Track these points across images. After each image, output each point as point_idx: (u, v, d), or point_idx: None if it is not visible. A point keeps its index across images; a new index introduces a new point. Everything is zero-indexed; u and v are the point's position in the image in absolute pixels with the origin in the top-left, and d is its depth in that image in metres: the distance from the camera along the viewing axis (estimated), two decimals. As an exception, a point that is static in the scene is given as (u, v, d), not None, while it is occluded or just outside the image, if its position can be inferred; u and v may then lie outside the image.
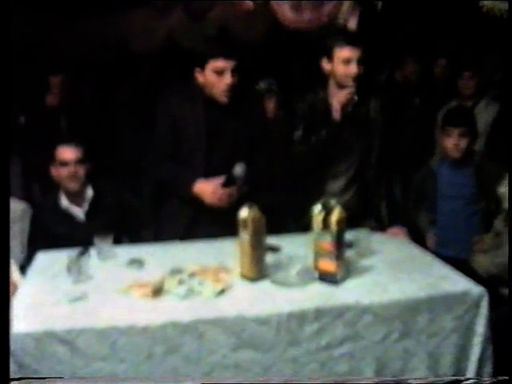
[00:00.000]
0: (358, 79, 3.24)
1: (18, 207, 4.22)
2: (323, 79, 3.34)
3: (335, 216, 2.61)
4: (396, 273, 2.78)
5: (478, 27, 5.16)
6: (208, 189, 3.20)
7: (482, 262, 3.55)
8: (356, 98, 3.25)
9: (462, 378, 2.53)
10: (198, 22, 5.52)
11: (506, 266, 3.39)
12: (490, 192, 3.70)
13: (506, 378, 2.25)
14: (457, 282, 2.68)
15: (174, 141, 3.32)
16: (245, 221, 2.68)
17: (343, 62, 3.25)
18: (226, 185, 3.18)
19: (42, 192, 4.82)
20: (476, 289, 2.61)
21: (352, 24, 4.28)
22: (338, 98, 3.27)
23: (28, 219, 3.74)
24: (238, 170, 3.15)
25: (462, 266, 2.90)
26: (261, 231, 2.70)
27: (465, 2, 4.14)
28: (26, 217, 3.79)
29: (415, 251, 3.14)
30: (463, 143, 3.74)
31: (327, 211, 2.65)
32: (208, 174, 3.25)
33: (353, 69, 3.23)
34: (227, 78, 3.15)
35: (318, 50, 3.34)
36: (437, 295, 2.57)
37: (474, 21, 4.71)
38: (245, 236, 2.69)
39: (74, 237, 3.42)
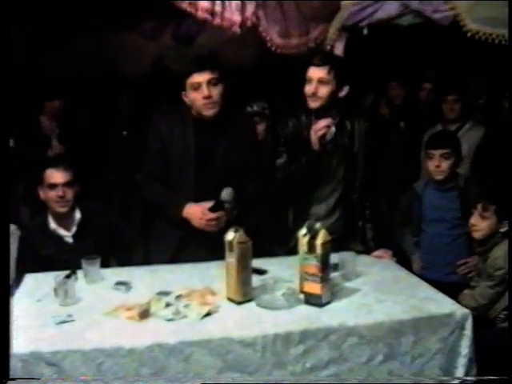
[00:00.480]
0: (321, 99, 3.28)
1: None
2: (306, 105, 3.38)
3: (320, 239, 2.64)
4: (381, 295, 2.81)
5: (463, 51, 5.24)
6: (196, 213, 3.21)
7: (466, 297, 3.55)
8: (333, 129, 3.29)
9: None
10: (187, 46, 5.58)
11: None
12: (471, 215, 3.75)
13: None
14: (441, 304, 2.71)
15: (163, 164, 3.34)
16: (231, 244, 2.71)
17: (307, 82, 3.32)
18: (213, 209, 3.18)
19: (31, 214, 4.82)
20: (460, 311, 2.65)
21: (339, 49, 4.34)
22: (313, 130, 3.30)
23: (16, 241, 3.74)
24: (226, 194, 3.16)
25: (447, 288, 2.92)
26: (247, 254, 2.73)
27: (450, 26, 4.18)
28: (14, 238, 3.79)
29: (400, 273, 3.17)
30: (445, 165, 3.80)
31: (312, 234, 2.67)
32: (198, 197, 3.28)
33: (311, 88, 3.28)
34: (203, 91, 3.18)
35: (303, 74, 3.38)
36: (421, 317, 2.59)
37: (459, 45, 4.78)
38: (231, 259, 2.72)
39: (62, 259, 3.45)
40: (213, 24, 3.96)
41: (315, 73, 3.28)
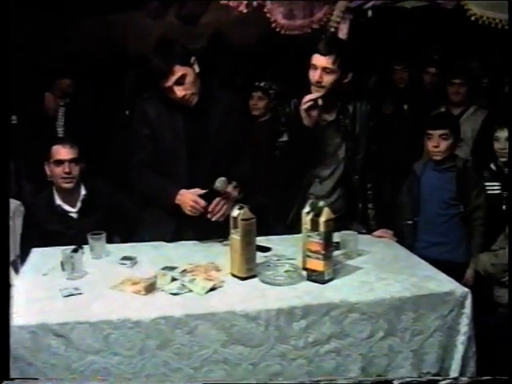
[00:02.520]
0: (325, 88, 3.28)
1: (10, 205, 4.28)
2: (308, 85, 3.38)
3: (324, 217, 2.68)
4: (382, 273, 2.86)
5: (467, 35, 5.26)
6: (187, 200, 3.15)
7: (483, 259, 3.70)
8: (320, 102, 3.26)
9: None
10: (191, 25, 5.59)
11: (501, 268, 3.54)
12: (467, 198, 3.84)
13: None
14: (441, 283, 2.76)
15: (154, 150, 3.28)
16: (235, 221, 2.75)
17: (312, 68, 3.31)
18: (206, 197, 3.14)
19: (34, 190, 4.86)
20: (460, 289, 2.70)
21: (343, 31, 4.35)
22: (302, 103, 3.29)
23: (21, 217, 3.79)
24: (219, 183, 3.11)
25: (444, 266, 2.97)
26: (251, 231, 2.78)
27: (454, 11, 4.20)
28: (18, 215, 3.84)
29: (401, 252, 3.22)
30: (444, 145, 3.83)
31: (316, 212, 2.72)
32: (192, 180, 3.24)
33: (315, 76, 3.28)
34: (176, 93, 3.12)
35: (306, 56, 3.38)
36: (421, 295, 2.64)
37: (464, 28, 4.80)
38: (235, 236, 2.76)
39: (67, 234, 3.51)
40: (219, 3, 3.97)
41: (320, 61, 3.26)
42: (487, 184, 3.99)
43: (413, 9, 4.33)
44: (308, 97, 3.26)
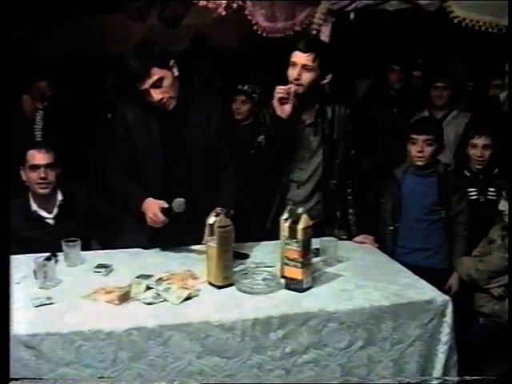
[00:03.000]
0: (303, 86, 3.26)
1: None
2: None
3: (302, 224, 2.63)
4: (361, 280, 2.81)
5: (450, 37, 5.23)
6: (150, 210, 3.07)
7: (466, 264, 3.67)
8: (292, 92, 3.20)
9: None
10: (173, 27, 5.53)
11: (486, 274, 3.50)
12: (448, 203, 3.80)
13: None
14: (421, 291, 2.72)
15: (129, 153, 3.20)
16: (211, 228, 2.70)
17: (291, 66, 3.30)
18: (166, 213, 3.05)
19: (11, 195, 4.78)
20: (440, 297, 2.66)
21: (325, 34, 4.31)
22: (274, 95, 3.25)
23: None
24: (177, 204, 3.02)
25: (425, 273, 2.93)
26: (227, 238, 2.72)
27: (437, 13, 4.17)
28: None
29: (382, 259, 3.18)
30: (428, 151, 3.79)
31: (294, 219, 2.66)
32: (167, 185, 3.20)
33: (294, 73, 3.26)
34: (153, 96, 3.06)
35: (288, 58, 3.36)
36: (401, 303, 2.60)
37: (447, 32, 4.78)
38: (211, 243, 2.71)
39: (43, 241, 3.44)
40: (197, 6, 3.91)
41: (300, 58, 3.26)
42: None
43: (395, 11, 4.28)
44: (280, 87, 3.22)
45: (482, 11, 4.01)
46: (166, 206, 3.04)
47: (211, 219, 2.71)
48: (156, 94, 3.06)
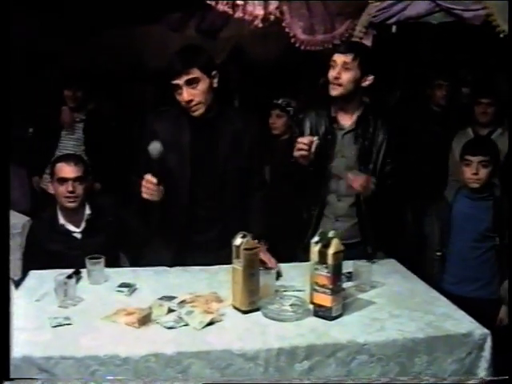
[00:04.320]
0: (343, 86, 3.20)
1: (19, 220, 4.17)
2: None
3: (332, 249, 2.49)
4: (395, 309, 2.66)
5: (496, 52, 5.04)
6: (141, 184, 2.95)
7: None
8: (313, 147, 3.08)
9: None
10: (211, 38, 5.46)
11: None
12: (504, 228, 3.55)
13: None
14: (459, 322, 2.54)
15: (159, 168, 3.03)
16: (238, 250, 2.57)
17: (331, 67, 3.24)
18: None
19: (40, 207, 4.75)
20: (479, 330, 2.48)
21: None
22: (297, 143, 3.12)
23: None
24: (153, 149, 2.90)
25: (474, 305, 2.75)
26: (254, 261, 2.59)
27: (482, 27, 4.00)
28: (26, 230, 3.74)
29: (418, 286, 3.00)
30: (483, 173, 3.55)
31: (324, 243, 2.52)
32: (194, 201, 3.14)
33: (334, 72, 3.20)
34: (183, 94, 2.98)
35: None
36: (437, 336, 2.43)
37: (492, 45, 4.59)
38: (237, 266, 2.58)
39: (70, 255, 3.37)
40: (233, 17, 3.82)
41: (339, 58, 3.21)
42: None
43: (439, 24, 4.12)
44: (302, 139, 3.10)
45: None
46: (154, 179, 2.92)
47: (238, 241, 2.59)
48: (187, 93, 2.98)
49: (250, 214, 3.22)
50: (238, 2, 3.74)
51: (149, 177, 2.91)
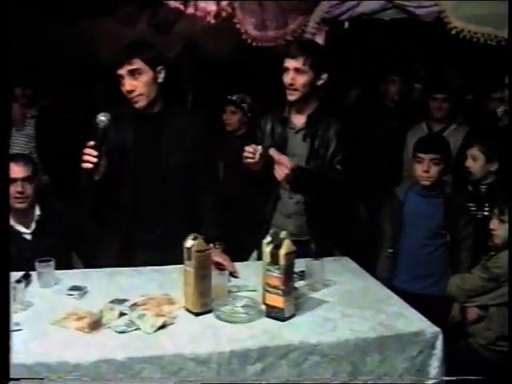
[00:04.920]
0: (299, 91, 3.22)
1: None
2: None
3: (284, 249, 2.48)
4: (348, 308, 2.66)
5: (449, 49, 5.09)
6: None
7: (453, 281, 3.54)
8: (258, 156, 3.06)
9: None
10: (164, 33, 5.39)
11: (463, 292, 3.41)
12: (455, 225, 3.60)
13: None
14: (410, 321, 2.56)
15: (102, 142, 2.94)
16: (189, 252, 2.55)
17: (284, 72, 3.25)
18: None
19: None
20: (430, 329, 2.50)
21: (318, 42, 4.16)
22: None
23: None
24: (101, 118, 2.88)
25: (421, 302, 2.77)
26: (205, 263, 2.57)
27: (434, 23, 4.03)
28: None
29: (370, 284, 3.02)
30: (434, 171, 3.59)
31: (276, 244, 2.51)
32: (138, 197, 3.13)
33: (288, 78, 3.22)
34: (125, 84, 3.01)
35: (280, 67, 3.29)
36: (388, 335, 2.45)
37: (445, 42, 4.64)
38: (189, 268, 2.56)
39: (20, 257, 3.27)
40: (185, 13, 3.78)
41: (291, 63, 3.21)
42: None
43: (391, 21, 4.15)
44: (248, 148, 3.09)
45: (481, 22, 3.86)
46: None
47: (189, 243, 2.56)
48: (128, 84, 3.01)
49: (202, 213, 3.21)
50: (190, -2, 3.70)
51: (91, 143, 2.86)
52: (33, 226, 3.46)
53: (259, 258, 3.43)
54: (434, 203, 3.65)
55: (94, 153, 2.85)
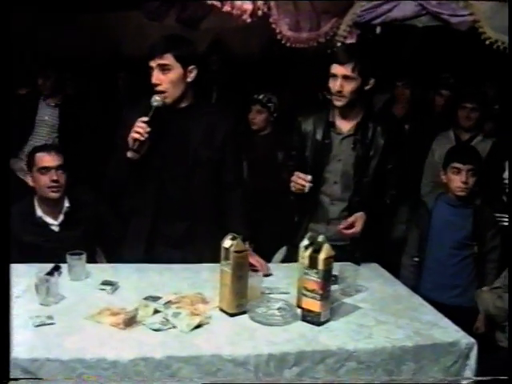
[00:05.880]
0: (346, 97, 3.19)
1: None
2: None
3: (324, 254, 2.46)
4: (381, 315, 2.65)
5: (481, 58, 5.05)
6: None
7: (486, 298, 3.45)
8: (309, 186, 3.10)
9: None
10: (191, 29, 5.37)
11: (504, 312, 3.29)
12: (483, 237, 3.58)
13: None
14: (446, 331, 2.55)
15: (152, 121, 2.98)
16: (227, 252, 2.53)
17: (331, 78, 3.21)
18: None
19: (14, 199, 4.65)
20: (465, 339, 2.49)
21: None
22: (293, 178, 3.15)
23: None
24: (155, 101, 2.94)
25: (451, 312, 2.76)
26: (243, 264, 2.56)
27: (468, 33, 4.00)
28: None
29: (401, 291, 3.01)
30: (471, 182, 3.56)
31: (315, 248, 2.50)
32: (161, 195, 3.12)
33: (336, 85, 3.17)
34: (153, 77, 3.00)
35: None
36: (424, 344, 2.43)
37: (478, 51, 4.59)
38: (226, 268, 2.54)
39: (47, 248, 3.29)
40: (221, 11, 3.77)
41: (339, 70, 3.16)
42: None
43: (424, 28, 4.12)
44: (299, 179, 3.11)
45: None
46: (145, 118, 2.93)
47: (227, 242, 2.55)
48: (155, 77, 2.99)
49: (229, 211, 3.19)
50: (227, -4, 3.68)
51: (144, 118, 2.91)
52: (61, 217, 3.44)
53: (284, 259, 3.45)
54: (464, 214, 3.62)
55: (146, 128, 2.88)
